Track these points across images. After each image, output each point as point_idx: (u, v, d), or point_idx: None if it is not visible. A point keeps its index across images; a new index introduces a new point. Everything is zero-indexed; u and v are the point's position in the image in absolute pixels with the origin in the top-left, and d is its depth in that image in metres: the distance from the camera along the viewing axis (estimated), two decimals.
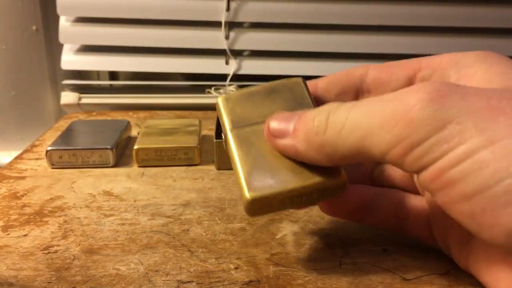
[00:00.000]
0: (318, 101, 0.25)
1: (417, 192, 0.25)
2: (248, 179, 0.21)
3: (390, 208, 0.25)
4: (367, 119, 0.19)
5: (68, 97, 0.57)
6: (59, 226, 0.28)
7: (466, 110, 0.17)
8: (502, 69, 0.20)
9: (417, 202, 0.25)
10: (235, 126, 0.23)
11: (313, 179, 0.22)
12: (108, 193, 0.33)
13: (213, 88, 0.57)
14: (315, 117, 0.21)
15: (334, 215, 0.26)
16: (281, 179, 0.21)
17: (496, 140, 0.17)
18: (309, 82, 0.25)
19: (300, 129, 0.21)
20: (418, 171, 0.18)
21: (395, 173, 0.26)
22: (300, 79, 0.25)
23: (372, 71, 0.25)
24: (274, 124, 0.22)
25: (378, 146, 0.19)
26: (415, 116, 0.18)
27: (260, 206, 0.21)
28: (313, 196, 0.22)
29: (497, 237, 0.17)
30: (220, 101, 0.25)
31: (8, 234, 0.27)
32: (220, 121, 0.24)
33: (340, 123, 0.20)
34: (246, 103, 0.24)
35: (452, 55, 0.23)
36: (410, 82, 0.24)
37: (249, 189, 0.21)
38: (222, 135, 0.24)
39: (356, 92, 0.25)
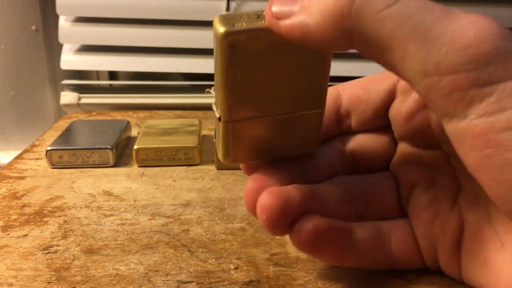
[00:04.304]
0: None
1: (396, 211, 0.24)
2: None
3: (373, 239, 0.22)
4: (427, 17, 0.15)
5: (67, 97, 0.57)
6: (59, 226, 0.28)
7: None
8: None
9: (398, 224, 0.23)
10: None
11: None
12: (108, 193, 0.33)
13: (212, 88, 0.57)
14: None
15: (318, 256, 0.22)
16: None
17: None
18: None
19: (312, 1, 0.17)
20: (464, 115, 0.15)
21: (367, 149, 0.24)
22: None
23: (346, 92, 0.23)
24: (277, 6, 0.18)
25: (426, 61, 0.15)
26: (493, 51, 0.15)
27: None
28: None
29: None
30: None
31: (8, 234, 0.27)
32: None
33: (382, 1, 0.15)
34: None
35: None
36: (391, 93, 0.22)
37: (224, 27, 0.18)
38: None
39: (336, 120, 0.24)
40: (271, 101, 0.20)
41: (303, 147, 0.23)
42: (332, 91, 0.23)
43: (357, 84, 0.23)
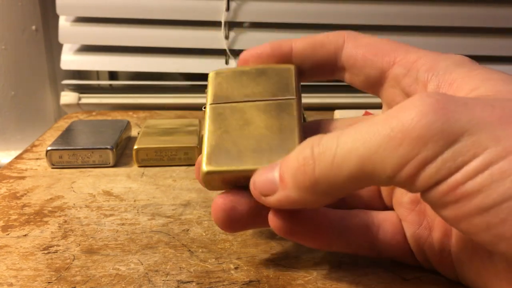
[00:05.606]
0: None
1: (384, 208, 0.24)
2: (209, 153, 0.22)
3: (360, 228, 0.23)
4: (362, 142, 0.17)
5: (67, 97, 0.57)
6: (59, 226, 0.28)
7: (476, 120, 0.16)
8: (485, 75, 0.19)
9: (388, 216, 0.24)
10: (215, 101, 0.24)
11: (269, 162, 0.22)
12: (108, 193, 0.33)
13: None
14: (298, 156, 0.19)
15: (297, 240, 0.23)
16: (239, 158, 0.22)
17: None
18: (283, 41, 0.25)
19: (286, 174, 0.19)
20: (430, 189, 0.17)
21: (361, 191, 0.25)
22: (292, 66, 0.25)
23: (348, 48, 0.24)
24: (258, 178, 0.21)
25: (383, 169, 0.17)
26: (422, 132, 0.16)
27: (215, 180, 0.22)
28: None
29: None
30: (210, 75, 0.26)
31: (8, 234, 0.27)
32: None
33: (329, 153, 0.18)
34: (234, 81, 0.25)
35: (429, 57, 0.21)
36: (382, 74, 0.23)
37: (207, 163, 0.22)
38: (203, 107, 0.25)
39: (332, 69, 0.24)
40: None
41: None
42: (339, 38, 0.24)
43: (361, 47, 0.24)
